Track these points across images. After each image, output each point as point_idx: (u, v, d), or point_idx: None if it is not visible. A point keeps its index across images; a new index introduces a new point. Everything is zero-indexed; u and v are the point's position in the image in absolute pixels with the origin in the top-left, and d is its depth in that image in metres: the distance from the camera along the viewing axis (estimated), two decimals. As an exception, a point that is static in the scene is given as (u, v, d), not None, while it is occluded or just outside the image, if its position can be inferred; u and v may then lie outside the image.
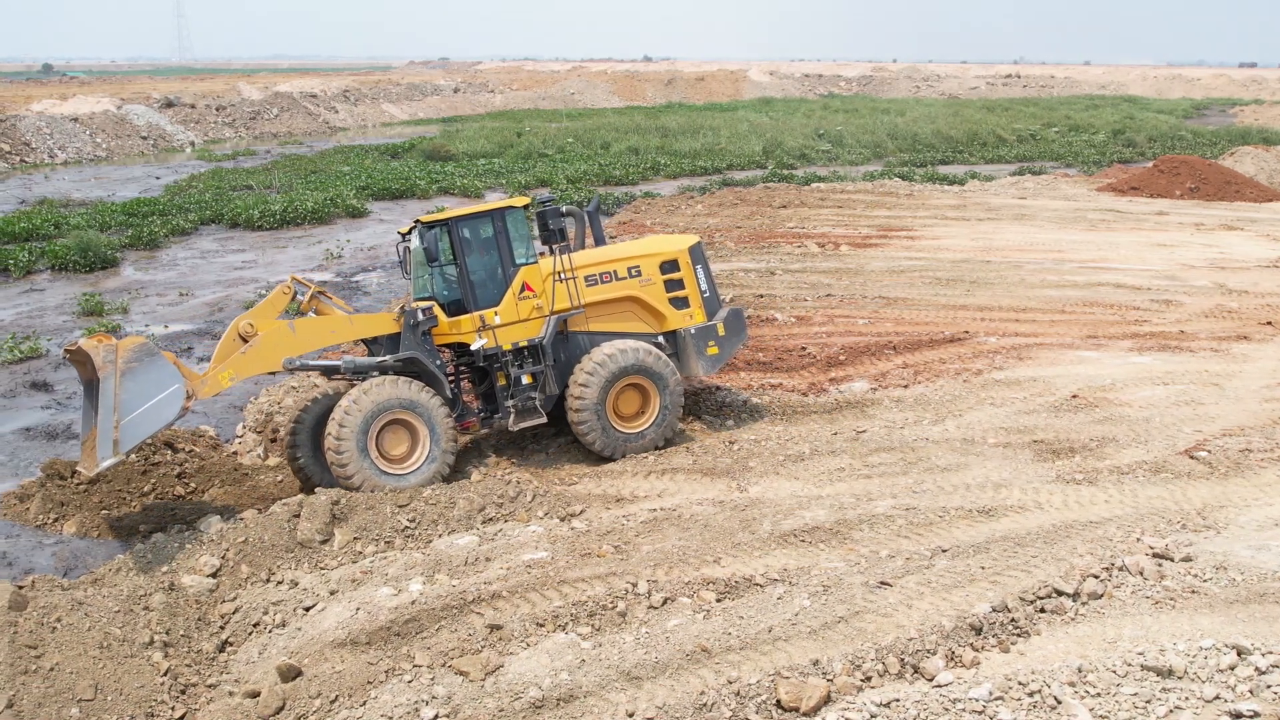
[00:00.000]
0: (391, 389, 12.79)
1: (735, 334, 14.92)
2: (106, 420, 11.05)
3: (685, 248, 14.79)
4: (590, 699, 8.57)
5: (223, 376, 12.32)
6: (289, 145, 65.28)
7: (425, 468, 12.97)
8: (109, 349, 11.28)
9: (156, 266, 28.24)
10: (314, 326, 13.14)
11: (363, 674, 8.95)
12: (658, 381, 13.99)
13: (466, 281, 13.66)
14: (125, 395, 11.22)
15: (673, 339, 14.68)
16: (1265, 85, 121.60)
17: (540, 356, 13.87)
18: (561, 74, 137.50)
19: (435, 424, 12.96)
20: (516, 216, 13.92)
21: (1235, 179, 37.77)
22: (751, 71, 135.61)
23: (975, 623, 9.34)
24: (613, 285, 14.35)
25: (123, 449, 11.20)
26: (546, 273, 13.95)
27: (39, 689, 8.97)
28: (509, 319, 13.74)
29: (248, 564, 11.52)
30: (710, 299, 14.90)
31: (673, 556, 10.77)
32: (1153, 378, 16.32)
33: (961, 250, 27.13)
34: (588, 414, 13.67)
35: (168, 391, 11.57)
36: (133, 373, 11.30)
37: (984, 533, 11.26)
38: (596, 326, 14.31)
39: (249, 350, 12.50)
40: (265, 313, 13.09)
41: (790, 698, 8.39)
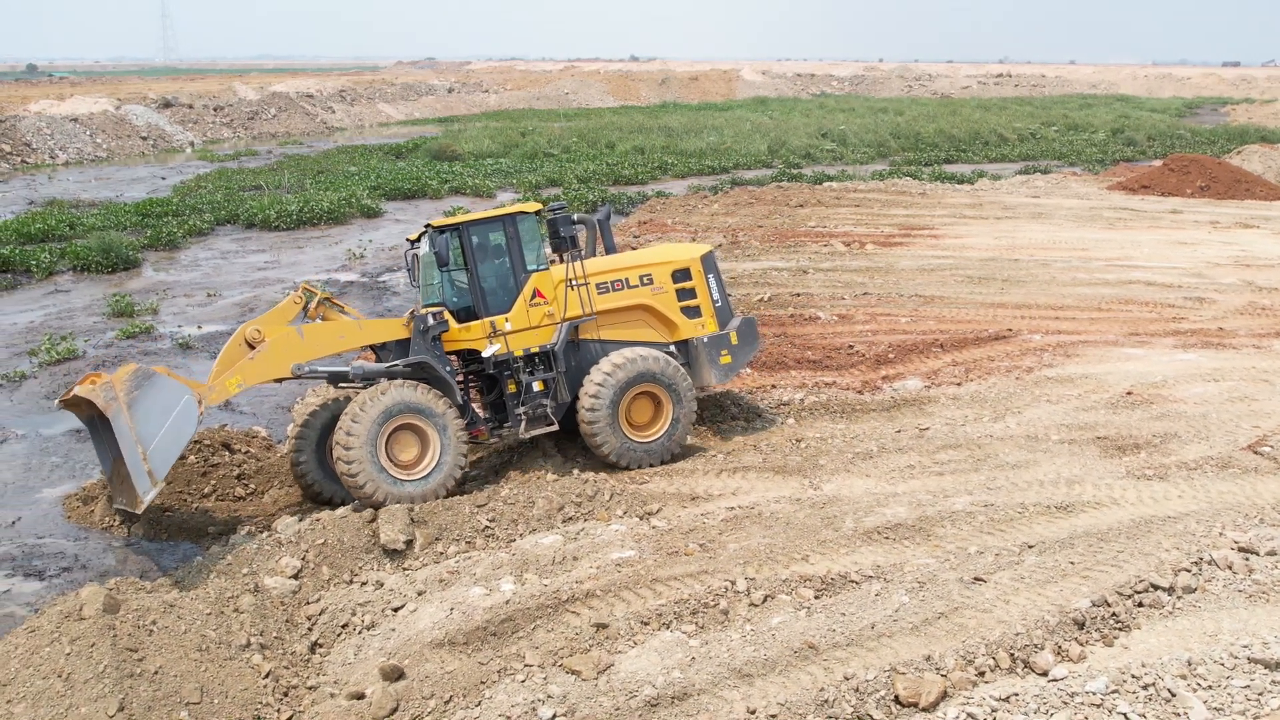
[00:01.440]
0: (402, 393, 12.49)
1: (748, 343, 14.74)
2: (133, 455, 10.85)
3: (697, 256, 14.61)
4: (704, 697, 8.58)
5: (230, 383, 12.07)
6: (289, 145, 65.05)
7: (435, 474, 12.62)
8: (106, 388, 11.01)
9: (178, 267, 28.11)
10: (322, 332, 12.85)
11: (475, 674, 8.93)
12: (671, 390, 13.75)
13: (477, 287, 13.47)
14: (140, 426, 11.00)
15: (684, 348, 14.44)
16: (1255, 84, 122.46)
17: (552, 363, 13.65)
18: (554, 74, 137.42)
19: (446, 429, 12.66)
20: (528, 222, 13.76)
21: (1245, 177, 38.03)
22: (744, 71, 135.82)
23: (1078, 617, 9.39)
24: (624, 293, 14.14)
25: (159, 476, 11.05)
26: (558, 279, 13.75)
27: (147, 692, 8.92)
28: (520, 325, 13.49)
29: (329, 565, 11.49)
30: (722, 308, 14.70)
31: (761, 554, 10.77)
32: (1202, 374, 16.41)
33: (986, 249, 27.23)
34: (600, 421, 13.40)
35: (180, 406, 11.38)
36: (138, 401, 11.08)
37: (1065, 529, 11.30)
38: (608, 334, 14.11)
39: (257, 356, 12.25)
40: (274, 319, 12.89)
41: (909, 693, 8.41)
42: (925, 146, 59.91)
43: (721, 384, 14.62)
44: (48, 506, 13.53)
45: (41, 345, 19.88)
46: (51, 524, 13.07)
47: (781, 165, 49.63)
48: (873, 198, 36.67)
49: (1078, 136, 65.94)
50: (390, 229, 33.81)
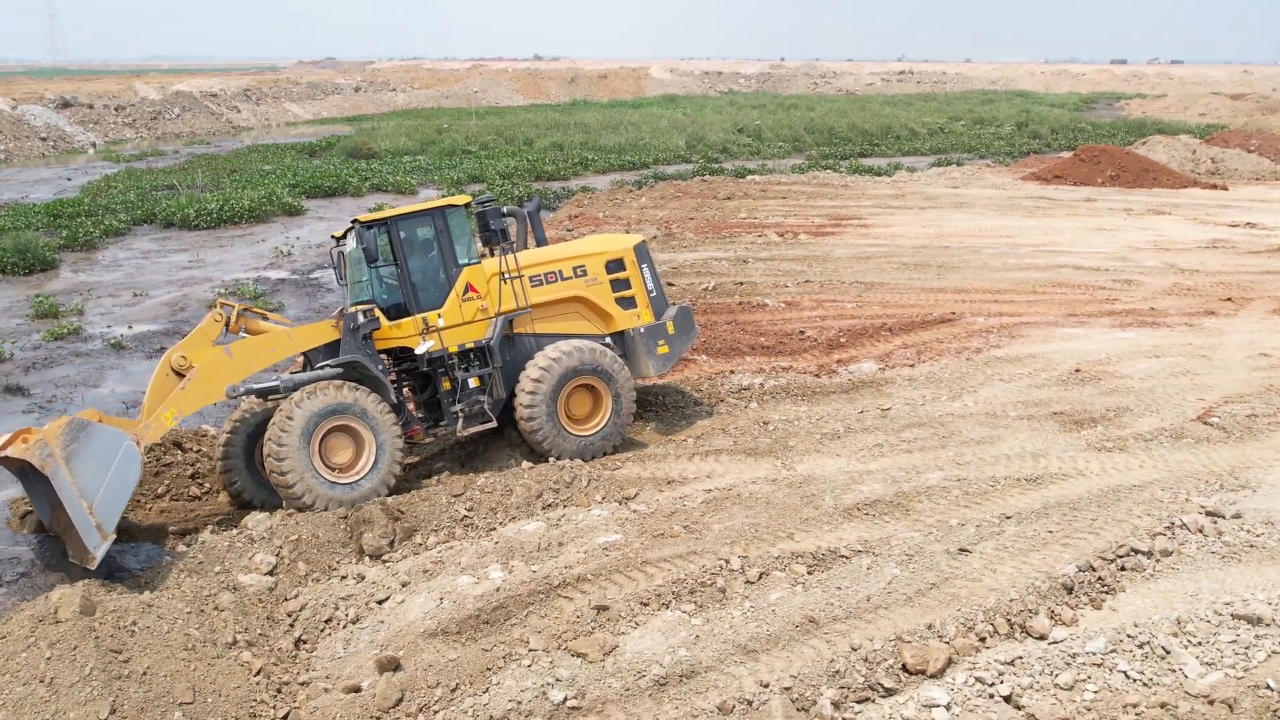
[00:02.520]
0: (333, 394, 12.10)
1: (685, 333, 14.61)
2: (78, 511, 10.34)
3: (630, 246, 14.49)
4: (711, 673, 8.58)
5: (165, 417, 11.61)
6: (196, 145, 63.30)
7: (372, 475, 12.27)
8: (40, 445, 10.40)
9: (98, 267, 27.15)
10: (251, 348, 12.32)
11: (479, 661, 8.80)
12: (609, 382, 13.57)
13: (408, 283, 13.12)
14: (82, 479, 10.48)
15: (620, 340, 14.30)
16: (1145, 80, 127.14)
17: (487, 359, 13.36)
18: (461, 72, 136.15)
19: (381, 430, 12.31)
20: (458, 215, 13.43)
21: (1152, 167, 39.41)
22: (653, 69, 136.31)
23: (1066, 582, 9.64)
24: (558, 285, 13.94)
25: (109, 529, 10.54)
26: (490, 273, 13.47)
27: (137, 694, 8.59)
28: (453, 321, 13.17)
29: (305, 561, 11.21)
30: (657, 298, 14.58)
31: (746, 534, 10.81)
32: (1142, 352, 16.96)
33: (916, 237, 27.76)
34: (539, 416, 13.17)
35: (121, 452, 10.89)
36: (76, 455, 10.55)
37: (1038, 499, 11.58)
38: (543, 328, 13.88)
39: (188, 385, 11.77)
40: (198, 342, 12.37)
41: (916, 661, 8.53)
42: (839, 141, 60.83)
43: (660, 375, 14.48)
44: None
45: (-35, 349, 19.05)
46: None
47: (700, 160, 49.88)
48: (797, 190, 37.11)
49: (985, 130, 67.62)
50: (314, 226, 33.13)
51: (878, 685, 8.35)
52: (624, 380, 13.65)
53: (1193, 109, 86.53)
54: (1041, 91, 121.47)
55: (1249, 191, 38.53)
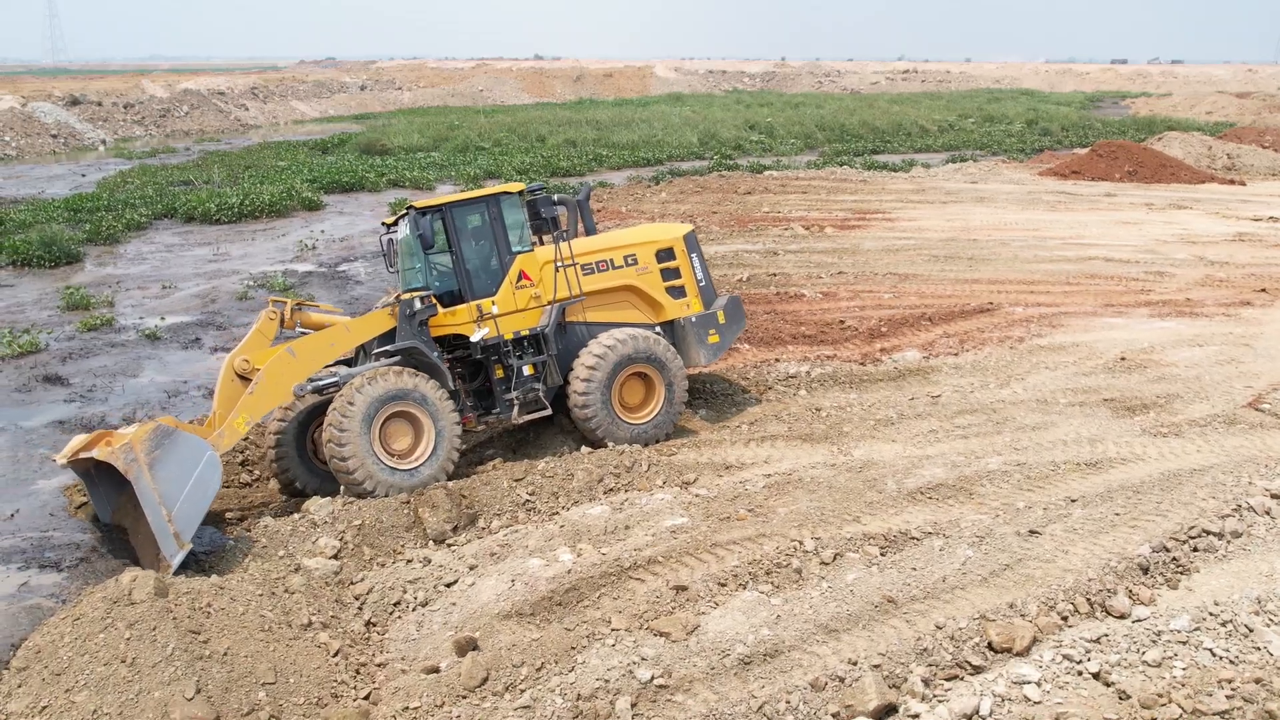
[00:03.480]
0: (394, 379, 12.08)
1: (735, 322, 14.63)
2: (157, 519, 10.39)
3: (680, 236, 14.49)
4: (795, 653, 8.57)
5: (238, 424, 11.61)
6: (206, 143, 63.21)
7: (431, 462, 12.24)
8: (126, 450, 10.47)
9: (123, 261, 27.09)
10: (313, 345, 12.31)
11: (562, 640, 8.79)
12: (663, 370, 13.58)
13: (462, 270, 13.09)
14: (163, 487, 10.53)
15: (669, 329, 14.31)
16: (1150, 79, 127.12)
17: (543, 346, 13.37)
18: (466, 71, 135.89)
19: (440, 416, 12.30)
20: (512, 203, 13.41)
21: (1169, 162, 39.40)
22: (658, 68, 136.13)
23: (1141, 563, 9.63)
24: (609, 274, 13.93)
25: (185, 538, 10.58)
26: (543, 261, 13.49)
27: (220, 674, 8.57)
28: (507, 308, 13.15)
29: (369, 545, 11.21)
30: (706, 287, 14.59)
31: (812, 517, 10.79)
32: (1185, 340, 16.95)
33: (942, 230, 27.75)
34: (594, 403, 13.17)
35: (203, 463, 10.91)
36: (159, 461, 10.60)
37: (1100, 483, 11.56)
38: (593, 316, 13.87)
39: (256, 389, 11.75)
40: (257, 344, 12.41)
41: (1002, 639, 8.52)
42: (850, 138, 60.84)
43: (710, 364, 14.49)
44: (47, 498, 12.88)
45: (2, 337, 19.00)
46: (54, 516, 12.46)
47: (714, 156, 49.84)
48: (816, 185, 37.09)
49: (995, 128, 67.59)
50: (335, 220, 33.08)
51: (965, 663, 8.35)
52: (677, 369, 13.65)
53: (1199, 107, 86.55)
54: (1047, 90, 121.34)
55: (1266, 187, 38.55)
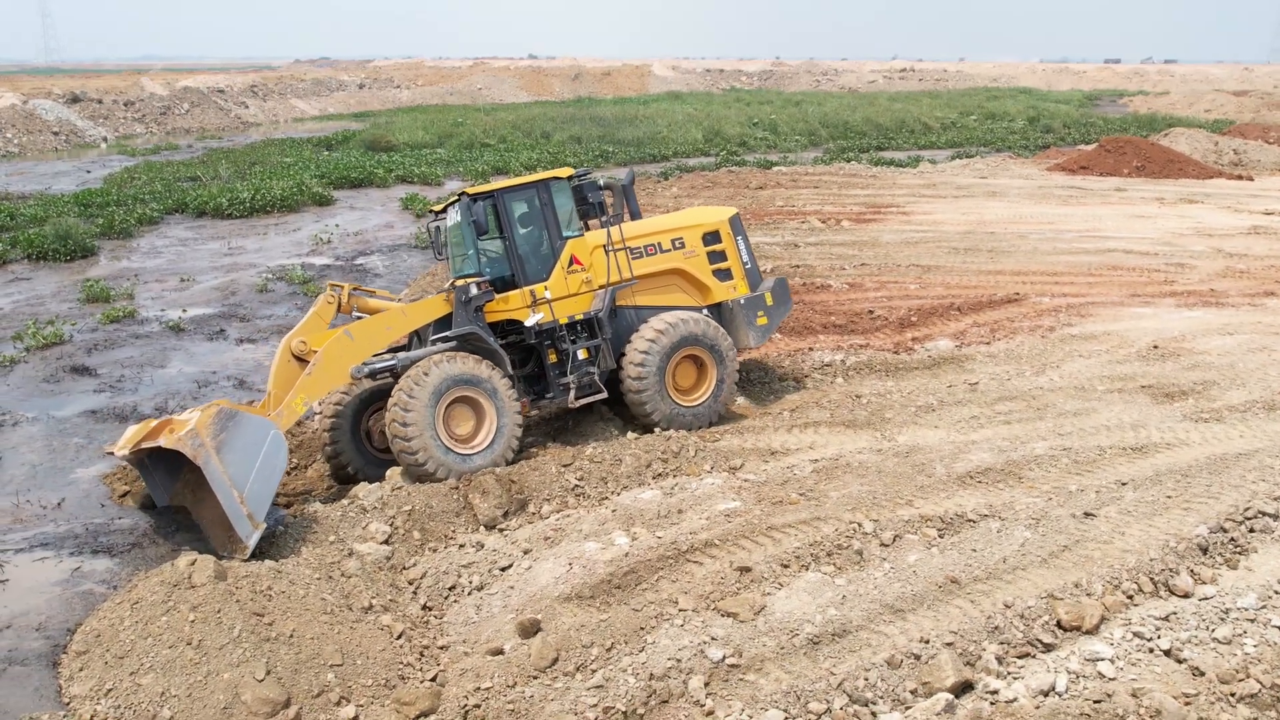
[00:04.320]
0: (458, 365, 12.09)
1: (782, 304, 14.63)
2: (230, 501, 10.44)
3: (726, 219, 14.51)
4: (863, 632, 8.56)
5: (296, 404, 11.66)
6: (207, 140, 63.07)
7: (495, 446, 12.26)
8: (193, 436, 10.43)
9: (138, 254, 27.03)
10: (370, 328, 12.37)
11: (631, 621, 8.76)
12: (715, 353, 13.59)
13: (515, 255, 13.10)
14: (232, 469, 10.56)
15: (716, 311, 14.31)
16: (1147, 78, 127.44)
17: (596, 330, 13.37)
18: (464, 70, 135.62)
19: (502, 400, 12.33)
20: (562, 188, 13.41)
21: (1177, 158, 39.48)
22: (655, 67, 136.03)
23: (1200, 543, 9.63)
24: (658, 258, 13.95)
25: (259, 518, 10.66)
26: (593, 245, 13.49)
27: (289, 655, 8.55)
28: (559, 293, 13.17)
29: (419, 530, 11.19)
30: (751, 270, 14.63)
31: (865, 501, 10.79)
32: (1215, 329, 16.97)
33: (958, 223, 27.78)
34: (648, 386, 13.17)
35: (268, 442, 10.96)
36: (226, 444, 10.62)
37: (1148, 467, 11.56)
38: (642, 300, 13.88)
39: (314, 370, 11.80)
40: (314, 326, 12.47)
41: (1071, 617, 8.52)
42: (854, 134, 60.90)
43: (758, 346, 14.52)
44: (88, 486, 12.85)
45: (27, 329, 18.95)
46: (97, 504, 12.42)
47: (721, 153, 49.85)
48: (827, 180, 37.13)
49: (997, 125, 67.70)
50: (347, 215, 33.04)
51: (1036, 641, 8.34)
52: (729, 351, 13.67)
53: (1198, 105, 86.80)
54: (1044, 89, 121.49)
55: (1275, 182, 38.65)
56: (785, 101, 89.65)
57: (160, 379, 16.90)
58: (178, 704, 8.15)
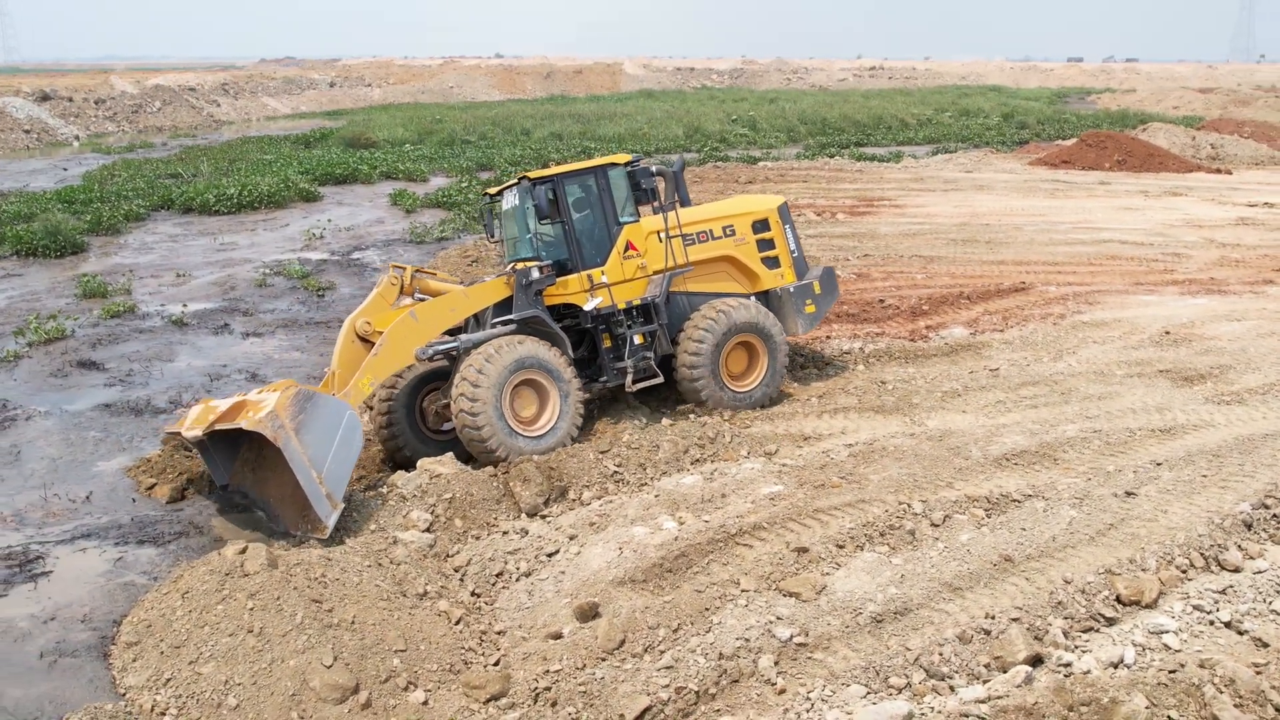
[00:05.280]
0: (525, 347, 12.16)
1: (829, 292, 14.83)
2: (309, 482, 10.49)
3: (774, 207, 14.66)
4: (923, 610, 8.60)
5: (363, 384, 11.71)
6: (181, 138, 62.43)
7: (557, 429, 12.37)
8: (273, 418, 10.43)
9: (128, 250, 26.73)
10: (434, 310, 12.45)
11: (695, 602, 8.75)
12: (767, 340, 13.73)
13: (573, 240, 13.19)
14: (311, 450, 10.59)
15: (764, 299, 14.45)
16: (1113, 76, 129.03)
17: (653, 315, 13.45)
18: (435, 68, 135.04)
19: (566, 384, 12.44)
20: (619, 174, 13.50)
21: (1157, 152, 39.99)
22: (626, 65, 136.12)
23: (1245, 519, 9.75)
24: (709, 245, 14.07)
25: (338, 498, 10.74)
26: (647, 231, 13.60)
27: (353, 641, 8.48)
28: (615, 278, 13.27)
29: (461, 518, 11.12)
30: (799, 259, 14.78)
31: (906, 483, 10.85)
32: (1222, 316, 17.21)
33: (952, 216, 28.01)
34: (702, 371, 13.32)
35: (344, 422, 11.00)
36: (304, 425, 10.65)
37: (1179, 448, 11.71)
38: (693, 286, 14.00)
39: (380, 351, 11.84)
40: (378, 307, 12.56)
41: (1130, 591, 8.61)
42: (833, 131, 61.19)
43: (806, 333, 14.65)
44: (112, 479, 12.71)
45: (29, 324, 18.70)
46: (125, 496, 12.28)
47: (704, 149, 49.94)
48: (815, 174, 37.30)
49: (973, 121, 68.27)
50: (335, 211, 32.82)
51: (1099, 615, 8.41)
52: (780, 338, 13.82)
53: (1165, 102, 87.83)
54: (1013, 86, 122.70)
55: (1253, 175, 39.22)
56: (759, 99, 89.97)
57: (170, 373, 16.73)
58: (243, 692, 8.07)
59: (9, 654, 9.00)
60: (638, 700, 7.74)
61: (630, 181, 13.52)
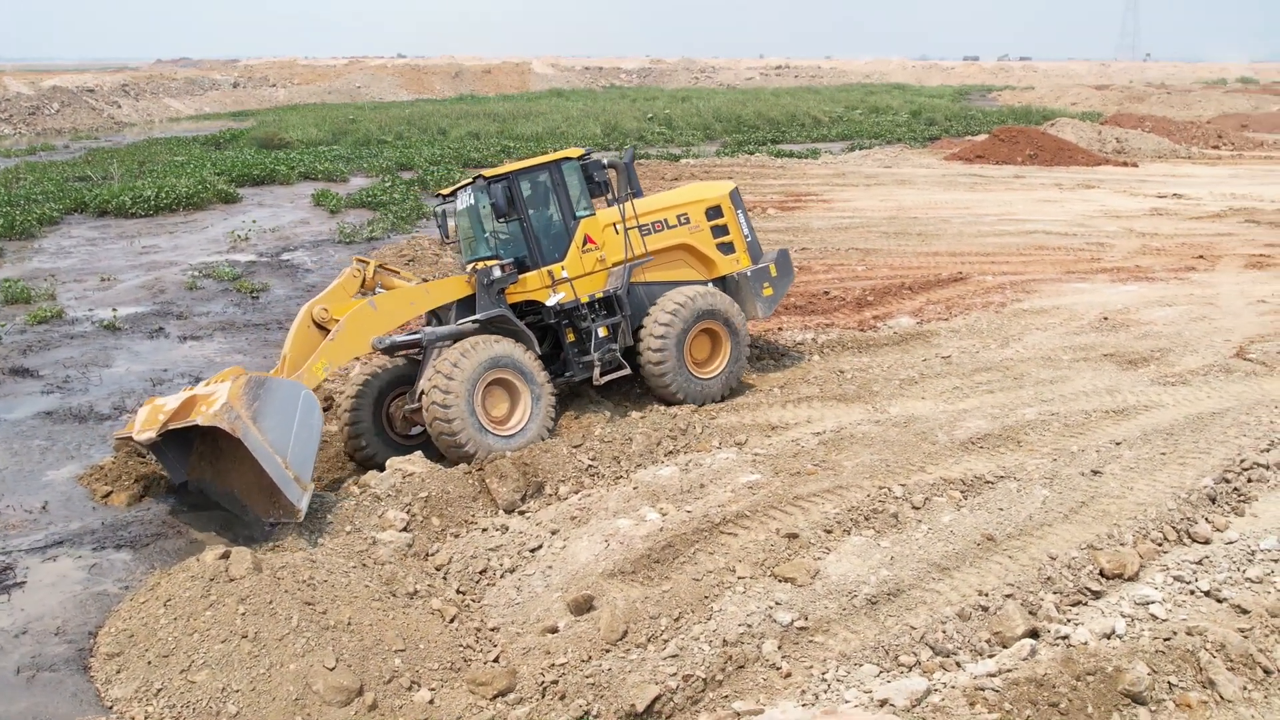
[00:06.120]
0: (495, 347, 12.12)
1: (785, 275, 15.06)
2: (275, 468, 10.26)
3: (726, 193, 14.84)
4: (915, 591, 8.80)
5: (316, 368, 11.55)
6: (83, 140, 60.19)
7: (528, 429, 12.33)
8: (228, 410, 10.14)
9: (45, 255, 25.72)
10: (394, 300, 12.42)
11: (693, 590, 8.80)
12: (729, 326, 13.87)
13: (532, 237, 13.16)
14: (271, 436, 10.37)
15: (721, 284, 14.59)
16: (1012, 73, 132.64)
17: (616, 308, 13.49)
18: (340, 68, 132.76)
19: (536, 383, 12.44)
20: (573, 168, 13.53)
21: (1066, 146, 41.25)
22: (535, 64, 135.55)
23: (1209, 493, 10.18)
24: (665, 234, 14.17)
25: (306, 480, 10.53)
26: (604, 223, 13.66)
27: (352, 643, 8.35)
28: (575, 273, 13.27)
29: (438, 516, 11.00)
30: (753, 243, 15.00)
31: (879, 469, 11.06)
32: (1153, 302, 17.86)
33: (879, 210, 28.52)
34: (668, 360, 13.38)
35: (301, 403, 10.76)
36: (262, 412, 10.41)
37: (1134, 428, 12.14)
38: (651, 276, 14.07)
39: (337, 336, 11.73)
40: (338, 296, 12.44)
41: (1113, 565, 8.92)
42: (748, 128, 61.80)
43: (766, 317, 14.81)
44: (65, 488, 12.24)
45: (-52, 333, 17.94)
46: (81, 505, 11.86)
47: (623, 147, 49.99)
48: (739, 171, 37.64)
49: (883, 118, 69.56)
50: (257, 212, 32.02)
51: (1085, 589, 8.70)
52: (742, 324, 13.95)
53: (1064, 99, 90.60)
54: (916, 85, 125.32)
55: (1157, 168, 40.71)
56: (672, 98, 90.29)
57: (110, 379, 16.19)
58: (242, 698, 7.88)
59: (-17, 670, 8.64)
60: (647, 690, 7.76)
61: (583, 174, 13.52)
